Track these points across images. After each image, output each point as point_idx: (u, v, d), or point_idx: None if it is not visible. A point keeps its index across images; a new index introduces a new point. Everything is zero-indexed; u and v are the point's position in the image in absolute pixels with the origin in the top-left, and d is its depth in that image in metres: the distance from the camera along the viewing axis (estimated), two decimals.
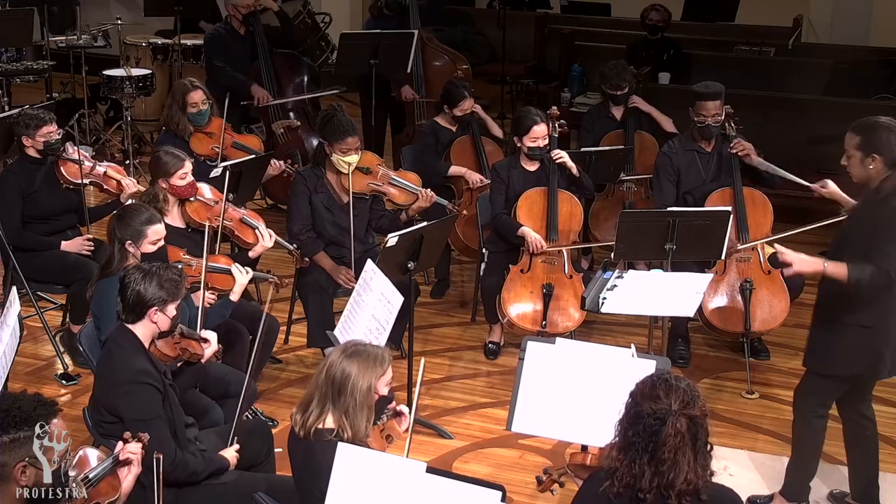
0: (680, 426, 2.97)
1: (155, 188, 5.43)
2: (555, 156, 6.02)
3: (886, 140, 4.37)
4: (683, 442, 2.97)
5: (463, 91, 6.85)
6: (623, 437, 3.06)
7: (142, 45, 9.75)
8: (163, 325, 4.10)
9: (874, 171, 4.39)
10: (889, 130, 4.39)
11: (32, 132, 5.81)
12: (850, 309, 4.42)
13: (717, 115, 6.03)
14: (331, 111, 5.95)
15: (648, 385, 3.08)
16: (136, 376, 3.94)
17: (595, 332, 6.42)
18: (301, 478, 3.71)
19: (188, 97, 6.47)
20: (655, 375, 3.13)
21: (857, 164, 4.43)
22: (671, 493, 2.98)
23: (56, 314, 6.46)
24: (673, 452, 2.97)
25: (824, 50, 10.01)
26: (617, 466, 3.04)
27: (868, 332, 4.42)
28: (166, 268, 4.16)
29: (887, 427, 5.58)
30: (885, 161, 4.36)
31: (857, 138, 4.42)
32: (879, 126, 4.42)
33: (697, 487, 3.00)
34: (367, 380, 3.62)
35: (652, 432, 2.98)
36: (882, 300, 4.39)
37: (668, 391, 3.03)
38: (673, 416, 2.98)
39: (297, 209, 5.87)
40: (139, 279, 4.06)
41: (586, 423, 3.99)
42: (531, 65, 10.61)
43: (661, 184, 6.17)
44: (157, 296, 4.05)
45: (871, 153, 4.38)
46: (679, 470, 2.97)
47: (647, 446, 2.99)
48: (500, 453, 5.28)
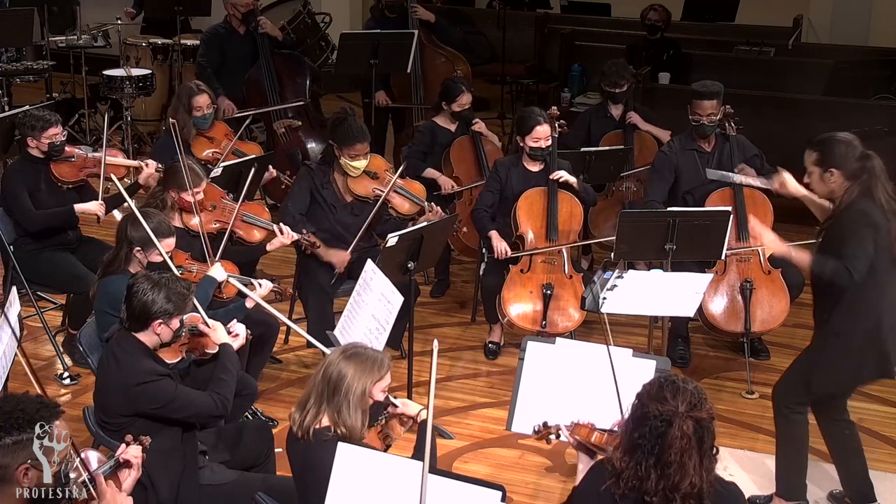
0: (686, 429, 2.97)
1: (164, 194, 5.43)
2: (554, 177, 6.03)
3: (843, 154, 4.44)
4: (690, 445, 2.97)
5: (460, 86, 6.85)
6: (629, 439, 3.05)
7: (142, 45, 9.75)
8: (165, 337, 4.08)
9: (835, 186, 4.46)
10: (845, 144, 4.46)
11: (38, 133, 5.79)
12: (846, 318, 4.46)
13: (712, 115, 6.03)
14: (342, 114, 5.96)
15: (655, 387, 3.07)
16: (146, 376, 3.96)
17: (595, 332, 6.40)
18: (301, 478, 3.71)
19: (194, 101, 6.47)
20: (663, 377, 3.12)
21: (818, 180, 4.51)
22: (676, 495, 2.97)
23: (56, 314, 6.46)
24: (679, 455, 2.96)
25: (824, 50, 10.01)
26: (623, 468, 3.03)
27: (867, 336, 4.45)
28: (175, 280, 4.13)
29: (887, 427, 5.59)
30: (843, 174, 4.44)
31: (815, 154, 4.51)
32: (835, 140, 4.49)
33: (702, 491, 2.99)
34: (363, 383, 3.61)
35: (658, 434, 2.97)
36: (880, 296, 4.43)
37: (675, 393, 3.02)
38: (679, 418, 2.97)
39: (298, 192, 5.90)
40: (147, 289, 4.01)
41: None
42: (531, 65, 10.60)
43: (653, 181, 6.19)
44: (163, 309, 4.02)
45: (829, 168, 4.46)
46: (685, 473, 2.97)
47: (654, 449, 2.98)
48: (500, 453, 5.29)
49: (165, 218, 5.02)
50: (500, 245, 5.98)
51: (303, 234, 5.67)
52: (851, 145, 4.47)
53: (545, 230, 6.02)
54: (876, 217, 4.38)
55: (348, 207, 5.95)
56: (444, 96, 6.89)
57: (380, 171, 6.01)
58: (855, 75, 8.97)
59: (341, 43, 8.00)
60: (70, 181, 5.91)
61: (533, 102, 9.31)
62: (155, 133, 9.43)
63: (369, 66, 7.65)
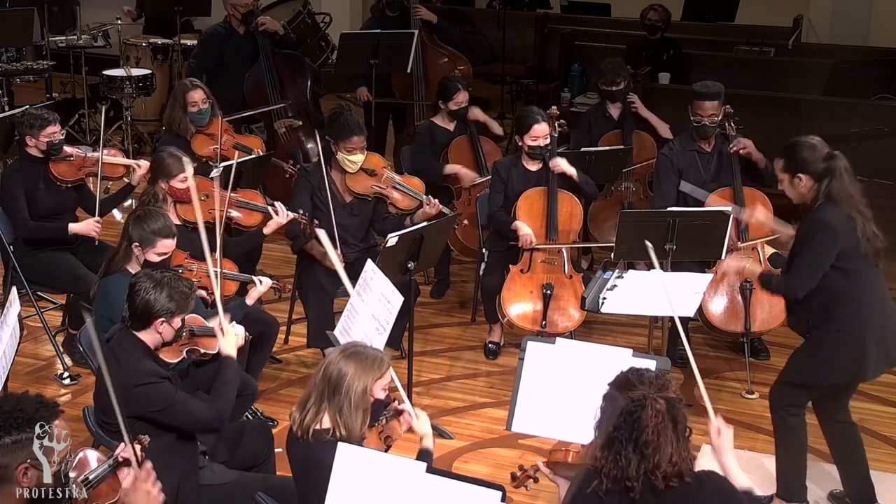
0: (660, 407, 3.02)
1: (155, 188, 5.43)
2: (553, 166, 6.03)
3: (807, 157, 4.51)
4: (664, 422, 3.01)
5: (457, 84, 6.85)
6: (605, 435, 3.09)
7: (142, 45, 9.76)
8: (167, 336, 4.08)
9: (805, 189, 4.54)
10: (809, 148, 4.53)
11: (37, 132, 5.79)
12: (825, 315, 4.50)
13: (713, 116, 6.03)
14: (339, 109, 5.95)
15: (621, 379, 3.14)
16: (145, 378, 3.95)
17: (595, 332, 6.42)
18: (300, 478, 3.71)
19: (188, 97, 6.45)
20: (626, 370, 3.18)
21: (789, 186, 4.60)
22: (657, 474, 3.00)
23: (56, 314, 6.46)
24: (656, 434, 3.00)
25: (824, 50, 10.00)
26: (603, 464, 3.06)
27: (846, 335, 4.48)
28: (178, 279, 4.13)
29: (887, 427, 5.59)
30: (812, 177, 4.50)
31: (781, 161, 4.61)
32: (799, 145, 4.57)
33: (682, 470, 3.02)
34: (364, 381, 3.61)
35: (633, 419, 3.02)
36: (854, 300, 4.47)
37: (640, 379, 3.10)
38: (651, 398, 3.03)
39: (299, 200, 5.88)
40: (149, 288, 4.01)
41: (586, 423, 3.98)
42: (531, 65, 10.60)
43: (661, 186, 6.16)
44: (165, 307, 4.02)
45: (796, 173, 4.54)
46: (663, 451, 3.01)
47: (631, 434, 3.02)
48: (500, 453, 5.29)
49: (168, 218, 5.02)
50: (526, 234, 5.94)
51: (299, 214, 5.67)
52: (815, 148, 4.54)
53: (545, 230, 6.03)
54: (832, 221, 4.43)
55: (347, 208, 5.94)
56: (440, 95, 6.88)
57: (378, 168, 6.01)
58: (855, 75, 8.97)
59: (341, 43, 8.00)
60: (69, 180, 5.91)
61: (533, 102, 9.30)
62: (155, 133, 9.42)
63: (369, 65, 7.66)
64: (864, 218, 4.46)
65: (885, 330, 4.52)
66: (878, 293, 4.55)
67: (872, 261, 4.49)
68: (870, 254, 4.47)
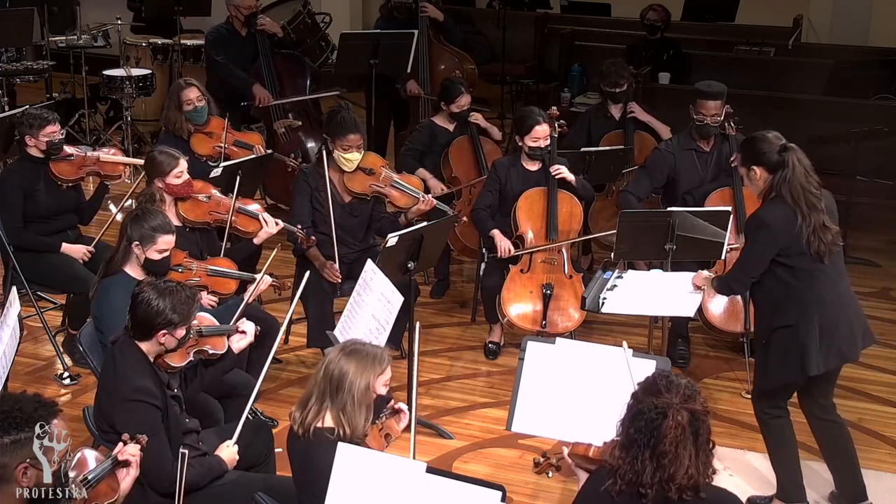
0: (681, 419, 3.00)
1: (151, 188, 5.43)
2: (553, 171, 6.03)
3: (760, 149, 4.54)
4: (685, 435, 2.99)
5: (459, 87, 6.85)
6: (625, 435, 3.08)
7: (142, 45, 9.75)
8: (170, 346, 4.03)
9: (761, 182, 4.56)
10: (764, 141, 4.55)
11: (36, 132, 5.79)
12: (774, 313, 4.52)
13: (716, 116, 6.03)
14: (336, 108, 5.94)
15: (650, 383, 3.11)
16: (135, 394, 3.88)
17: (595, 332, 6.42)
18: (301, 478, 3.71)
19: (182, 95, 6.43)
20: (656, 373, 3.17)
21: (748, 180, 4.64)
22: (671, 486, 2.99)
23: (56, 314, 6.46)
24: (674, 445, 2.98)
25: (824, 50, 10.01)
26: (619, 464, 3.06)
27: (791, 330, 4.47)
28: (181, 288, 4.06)
29: (887, 427, 5.59)
30: (766, 169, 4.52)
31: (738, 156, 4.68)
32: (755, 138, 4.60)
33: (698, 484, 3.00)
34: (366, 378, 3.62)
35: (654, 427, 3.00)
36: (799, 296, 4.46)
37: (668, 386, 3.07)
38: (674, 409, 3.00)
39: (299, 206, 5.87)
40: (152, 298, 3.96)
41: (586, 423, 3.98)
42: (531, 65, 10.61)
43: (640, 176, 6.19)
44: (168, 319, 3.97)
45: (751, 165, 4.56)
46: (680, 463, 2.99)
47: (649, 441, 3.00)
48: (500, 453, 5.29)
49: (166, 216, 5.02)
50: (503, 243, 5.98)
51: (297, 229, 5.67)
52: (770, 141, 4.54)
53: (545, 230, 6.03)
54: (769, 219, 4.44)
55: (347, 208, 5.94)
56: (443, 96, 6.88)
57: (376, 167, 6.01)
58: (855, 75, 8.97)
59: (341, 43, 8.00)
60: (70, 179, 5.92)
61: (533, 102, 9.30)
62: (155, 133, 9.42)
63: (369, 65, 7.65)
64: (814, 211, 4.42)
65: (838, 327, 4.48)
66: (829, 290, 4.49)
67: (818, 258, 4.42)
68: (820, 251, 4.41)
